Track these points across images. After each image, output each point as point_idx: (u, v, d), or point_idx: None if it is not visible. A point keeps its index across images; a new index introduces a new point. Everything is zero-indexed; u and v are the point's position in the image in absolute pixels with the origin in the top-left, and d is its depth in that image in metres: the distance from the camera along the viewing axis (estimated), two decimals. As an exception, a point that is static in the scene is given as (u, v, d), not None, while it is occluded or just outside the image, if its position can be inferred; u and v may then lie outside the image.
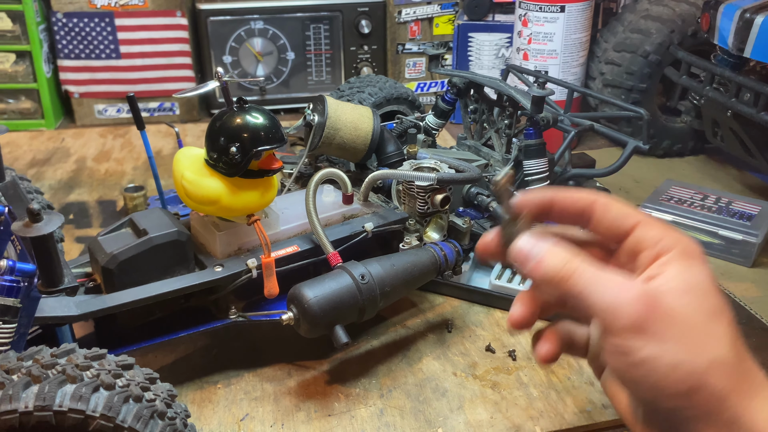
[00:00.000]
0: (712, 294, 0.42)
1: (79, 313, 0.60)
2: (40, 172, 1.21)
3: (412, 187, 0.78)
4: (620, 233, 0.46)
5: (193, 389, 0.69)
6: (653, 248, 0.44)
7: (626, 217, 0.46)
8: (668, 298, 0.41)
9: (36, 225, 0.51)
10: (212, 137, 0.65)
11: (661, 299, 0.40)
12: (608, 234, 0.47)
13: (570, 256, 0.43)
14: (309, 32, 1.43)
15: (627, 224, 0.46)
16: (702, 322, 0.41)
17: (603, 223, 0.47)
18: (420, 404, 0.67)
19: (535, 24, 1.20)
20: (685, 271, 0.42)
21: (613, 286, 0.41)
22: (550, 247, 0.44)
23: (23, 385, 0.44)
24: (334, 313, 0.65)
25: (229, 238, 0.69)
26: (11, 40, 1.36)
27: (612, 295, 0.41)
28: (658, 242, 0.43)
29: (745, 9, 0.99)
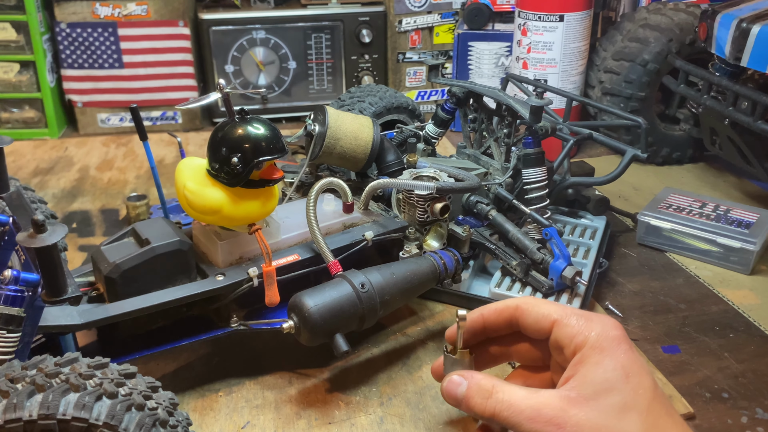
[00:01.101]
0: (619, 388, 0.44)
1: (82, 322, 0.60)
2: (44, 181, 1.21)
3: (411, 196, 0.79)
4: (543, 334, 0.50)
5: (194, 397, 0.69)
6: (570, 347, 0.48)
7: (544, 318, 0.50)
8: (574, 410, 0.44)
9: (40, 236, 0.52)
10: (214, 148, 0.66)
11: (567, 417, 0.44)
12: (535, 336, 0.52)
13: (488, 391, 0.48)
14: (310, 41, 1.45)
15: (546, 325, 0.50)
16: (608, 425, 0.43)
17: (527, 328, 0.51)
18: (420, 412, 0.67)
19: (534, 33, 1.21)
20: (594, 370, 0.45)
21: (527, 416, 0.45)
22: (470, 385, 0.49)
23: (27, 394, 0.44)
24: (335, 322, 0.65)
25: (230, 247, 0.70)
26: (15, 50, 1.37)
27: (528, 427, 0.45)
28: (572, 339, 0.47)
29: (741, 18, 1.00)
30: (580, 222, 0.98)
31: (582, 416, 0.44)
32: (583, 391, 0.45)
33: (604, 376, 0.45)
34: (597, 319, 0.48)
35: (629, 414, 0.44)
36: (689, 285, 0.89)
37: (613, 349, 0.46)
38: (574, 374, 0.46)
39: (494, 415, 0.47)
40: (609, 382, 0.45)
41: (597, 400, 0.44)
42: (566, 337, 0.48)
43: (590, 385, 0.45)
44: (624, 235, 1.01)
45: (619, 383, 0.45)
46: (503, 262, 0.83)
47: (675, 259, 0.95)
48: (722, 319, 0.82)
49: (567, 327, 0.48)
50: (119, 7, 1.38)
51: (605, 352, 0.46)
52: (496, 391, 0.48)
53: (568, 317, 0.49)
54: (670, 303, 0.85)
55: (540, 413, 0.45)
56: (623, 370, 0.45)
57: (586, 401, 0.44)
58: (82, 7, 1.37)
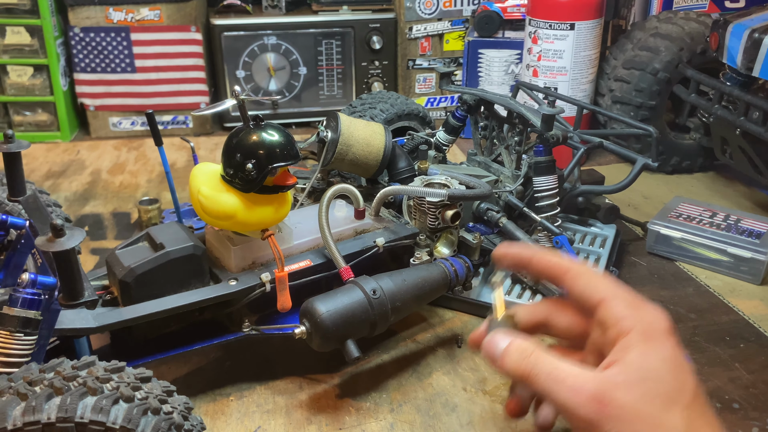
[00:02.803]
0: (667, 380, 0.43)
1: (97, 326, 0.61)
2: (56, 184, 1.22)
3: (423, 203, 0.79)
4: (588, 307, 0.48)
5: (206, 401, 0.70)
6: (615, 328, 0.46)
7: (593, 292, 0.48)
8: (619, 393, 0.42)
9: (59, 240, 0.52)
10: (229, 154, 0.66)
11: (611, 396, 0.42)
12: (579, 304, 0.50)
13: (528, 351, 0.46)
14: (321, 48, 1.45)
15: (593, 300, 0.48)
16: (653, 414, 0.42)
17: (572, 294, 0.50)
18: (430, 419, 0.67)
19: (544, 41, 1.21)
20: (641, 357, 0.43)
21: (568, 385, 0.43)
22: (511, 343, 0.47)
23: (46, 397, 0.45)
24: (346, 328, 0.66)
25: (243, 252, 0.70)
26: (29, 54, 1.38)
27: (567, 396, 0.43)
28: (619, 322, 0.45)
29: (753, 29, 1.00)
30: (590, 230, 0.98)
31: (627, 400, 0.42)
32: (630, 376, 0.43)
33: (653, 365, 0.43)
34: (646, 308, 0.46)
35: (673, 407, 0.42)
36: (699, 294, 0.89)
37: (662, 341, 0.44)
38: (619, 359, 0.44)
39: (530, 376, 0.45)
40: (657, 372, 0.43)
41: (643, 387, 0.42)
42: (613, 318, 0.46)
43: (638, 371, 0.43)
44: (634, 244, 1.01)
45: (666, 375, 0.43)
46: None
47: (685, 268, 0.95)
48: (733, 330, 0.82)
49: (616, 309, 0.46)
50: (132, 12, 1.39)
51: (654, 342, 0.44)
52: (537, 353, 0.46)
53: (617, 299, 0.47)
54: (680, 312, 0.85)
55: (583, 386, 0.43)
56: (672, 363, 0.44)
57: (633, 386, 0.42)
58: (96, 12, 1.39)
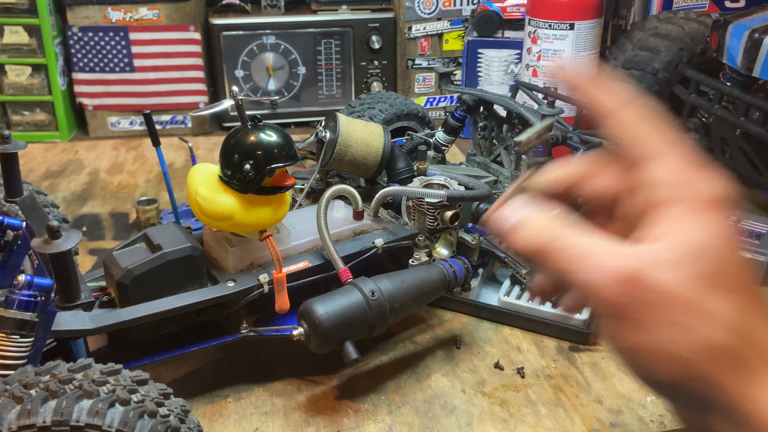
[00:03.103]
0: (713, 259, 0.35)
1: (94, 327, 0.60)
2: (54, 184, 1.22)
3: (422, 204, 0.79)
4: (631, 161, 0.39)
5: (203, 403, 0.69)
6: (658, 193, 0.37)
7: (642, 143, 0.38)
8: (656, 272, 0.35)
9: (55, 242, 0.52)
10: (227, 154, 0.66)
11: (645, 276, 0.34)
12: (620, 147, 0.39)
13: (546, 225, 0.37)
14: (320, 47, 1.45)
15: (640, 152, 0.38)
16: (692, 298, 0.35)
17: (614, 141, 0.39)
18: (429, 421, 0.67)
19: (544, 41, 1.21)
20: (685, 231, 0.35)
21: (592, 262, 0.35)
22: (528, 214, 0.38)
23: (41, 400, 0.44)
24: (344, 329, 0.65)
25: (241, 253, 0.70)
26: (27, 53, 1.38)
27: (590, 276, 0.35)
28: (665, 187, 0.37)
29: (754, 29, 0.99)
30: (590, 231, 0.97)
31: (665, 281, 0.34)
32: (670, 252, 0.35)
33: (698, 241, 0.35)
34: (703, 174, 0.37)
35: (718, 290, 0.35)
36: (699, 295, 0.89)
37: (713, 214, 0.36)
38: (659, 232, 0.36)
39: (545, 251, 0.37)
40: (702, 249, 0.35)
41: (684, 266, 0.35)
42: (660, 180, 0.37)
43: (678, 246, 0.35)
44: (633, 245, 1.01)
45: (713, 253, 0.35)
46: (513, 270, 0.83)
47: (685, 269, 0.95)
48: (733, 331, 0.82)
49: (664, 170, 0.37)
50: (131, 11, 1.38)
51: (703, 215, 0.36)
52: (556, 226, 0.37)
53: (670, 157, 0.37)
54: (680, 313, 0.85)
55: (611, 264, 0.35)
56: (721, 240, 0.35)
57: (670, 264, 0.35)
58: (94, 12, 1.38)
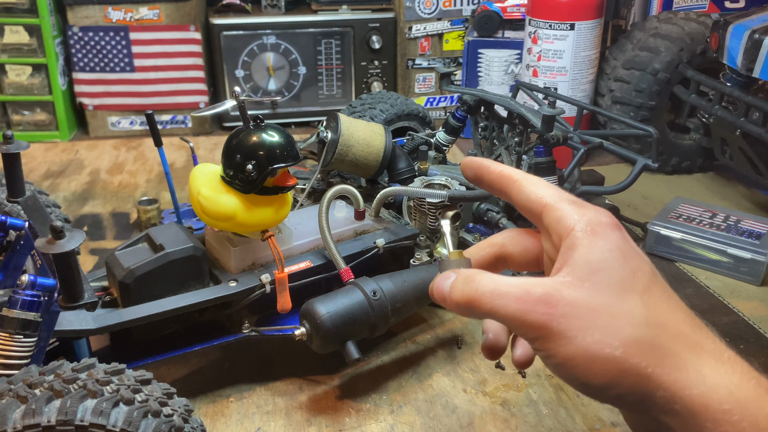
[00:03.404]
0: (617, 268, 0.39)
1: (97, 327, 0.61)
2: (55, 184, 1.22)
3: (423, 204, 0.79)
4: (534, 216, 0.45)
5: (205, 403, 0.70)
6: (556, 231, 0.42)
7: (537, 200, 0.44)
8: (568, 290, 0.39)
9: (59, 242, 0.52)
10: (229, 154, 0.66)
11: (560, 297, 0.39)
12: (527, 215, 0.46)
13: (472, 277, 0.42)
14: (320, 47, 1.45)
15: (537, 207, 0.44)
16: (606, 304, 0.38)
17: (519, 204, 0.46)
18: (430, 420, 0.67)
19: (544, 41, 1.21)
20: (587, 252, 0.40)
21: (513, 296, 0.39)
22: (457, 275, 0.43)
23: (46, 400, 0.45)
24: (346, 329, 0.65)
25: (243, 253, 0.70)
26: (28, 53, 1.38)
27: (514, 307, 0.39)
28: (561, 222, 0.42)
29: (754, 30, 1.00)
30: (590, 231, 0.98)
31: (577, 295, 0.38)
32: (577, 273, 0.39)
33: (600, 256, 0.40)
34: (590, 207, 0.43)
35: (629, 294, 0.39)
36: (699, 295, 0.89)
37: (606, 233, 0.41)
38: (566, 261, 0.40)
39: (474, 299, 0.41)
40: (606, 262, 0.40)
41: (593, 279, 0.39)
42: (555, 220, 0.42)
43: (585, 265, 0.39)
44: (634, 245, 1.01)
45: (616, 263, 0.40)
46: (513, 270, 0.83)
47: (685, 269, 0.95)
48: (732, 331, 0.82)
49: (558, 211, 0.43)
50: (131, 11, 1.38)
51: (599, 235, 0.40)
52: (480, 276, 0.42)
53: (560, 202, 0.43)
54: (680, 313, 0.85)
55: (529, 292, 0.39)
56: (620, 251, 0.40)
57: (581, 281, 0.39)
58: (95, 11, 1.38)
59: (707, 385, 0.37)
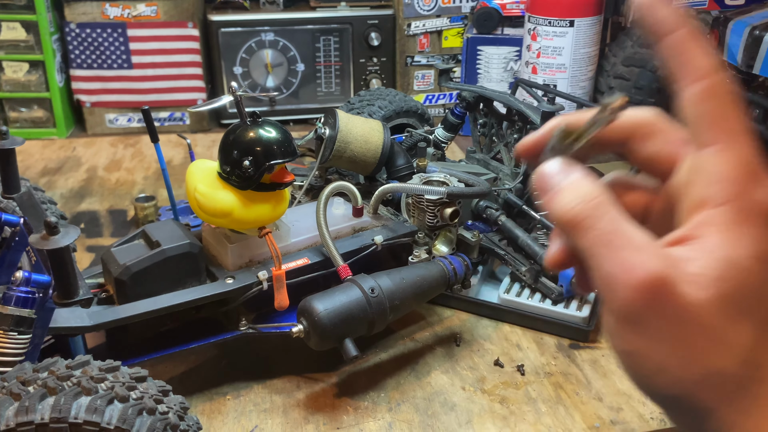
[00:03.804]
0: (751, 283, 0.32)
1: (92, 324, 0.60)
2: (52, 181, 1.22)
3: (421, 201, 0.78)
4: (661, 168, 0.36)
5: (202, 400, 0.69)
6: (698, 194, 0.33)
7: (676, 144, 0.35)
8: (682, 285, 0.31)
9: (53, 238, 0.52)
10: (226, 150, 0.65)
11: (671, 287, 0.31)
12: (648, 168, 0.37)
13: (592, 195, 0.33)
14: (319, 44, 1.45)
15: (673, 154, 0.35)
16: (716, 325, 0.32)
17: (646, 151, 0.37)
18: (428, 418, 0.67)
19: (544, 38, 1.21)
20: (724, 245, 0.32)
21: (625, 256, 0.31)
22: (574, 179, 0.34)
23: (39, 397, 0.44)
24: (344, 326, 0.65)
25: (240, 250, 0.69)
26: (25, 49, 1.37)
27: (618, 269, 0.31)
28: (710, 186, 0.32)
29: (754, 26, 0.99)
30: (590, 228, 0.97)
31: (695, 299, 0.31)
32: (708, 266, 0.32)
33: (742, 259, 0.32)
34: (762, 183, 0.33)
35: (745, 319, 0.32)
36: (699, 293, 0.89)
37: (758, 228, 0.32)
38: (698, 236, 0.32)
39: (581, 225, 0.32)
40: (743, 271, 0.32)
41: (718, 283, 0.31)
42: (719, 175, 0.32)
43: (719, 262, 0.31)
44: (633, 242, 1.01)
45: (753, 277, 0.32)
46: (512, 267, 0.83)
47: (684, 266, 0.95)
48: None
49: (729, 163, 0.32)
50: (129, 7, 1.38)
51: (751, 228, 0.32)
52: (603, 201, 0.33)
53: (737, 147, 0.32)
54: (679, 311, 0.85)
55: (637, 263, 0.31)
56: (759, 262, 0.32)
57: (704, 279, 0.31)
58: (92, 8, 1.38)
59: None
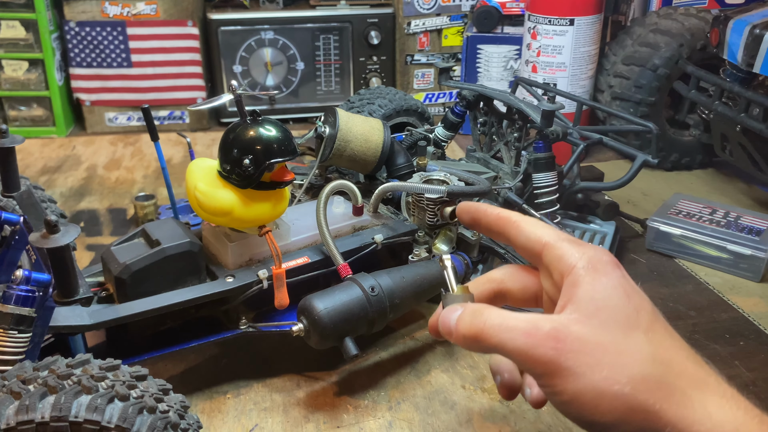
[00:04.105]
0: (621, 306, 0.41)
1: (92, 323, 0.60)
2: (51, 180, 1.22)
3: (421, 200, 0.78)
4: (533, 257, 0.46)
5: (202, 399, 0.69)
6: (560, 268, 0.43)
7: (536, 240, 0.46)
8: (576, 327, 0.40)
9: (53, 236, 0.51)
10: (226, 149, 0.65)
11: (567, 333, 0.40)
12: (525, 254, 0.47)
13: (479, 311, 0.43)
14: (319, 43, 1.44)
15: (537, 247, 0.46)
16: (613, 341, 0.40)
17: (518, 244, 0.47)
18: (429, 417, 0.67)
19: (544, 37, 1.20)
20: (591, 289, 0.41)
21: (521, 330, 0.40)
22: (464, 310, 0.44)
23: (40, 396, 0.44)
24: (344, 325, 0.65)
25: (240, 248, 0.69)
26: (24, 48, 1.37)
27: (522, 343, 0.40)
28: (563, 260, 0.43)
29: (754, 25, 0.99)
30: (590, 227, 0.97)
31: (585, 332, 0.40)
32: (584, 310, 0.41)
33: (604, 293, 0.41)
34: (589, 246, 0.45)
35: (634, 332, 0.40)
36: (699, 292, 0.89)
37: (608, 272, 0.42)
38: (570, 297, 0.42)
39: (482, 333, 0.41)
40: (610, 300, 0.41)
41: (599, 316, 0.40)
42: (556, 259, 0.44)
43: (591, 302, 0.41)
44: (633, 241, 1.01)
45: (620, 301, 0.41)
46: (513, 266, 0.83)
47: (684, 265, 0.95)
48: (732, 327, 0.82)
49: (558, 249, 0.44)
50: (128, 6, 1.38)
51: (600, 272, 0.42)
52: (488, 310, 0.42)
53: (559, 240, 0.44)
54: (679, 310, 0.85)
55: (537, 327, 0.40)
56: (622, 289, 0.41)
57: (588, 318, 0.40)
58: (92, 6, 1.37)
59: (713, 421, 0.38)
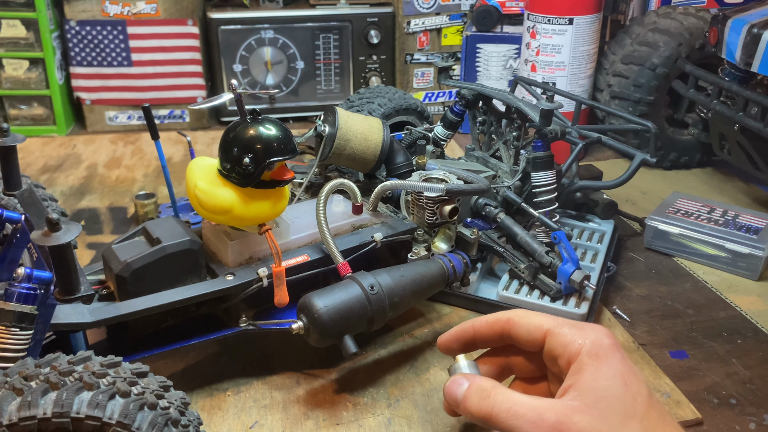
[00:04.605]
0: (620, 395, 0.45)
1: (93, 320, 0.60)
2: (52, 178, 1.22)
3: (421, 198, 0.79)
4: (536, 345, 0.50)
5: (202, 396, 0.69)
6: (563, 355, 0.48)
7: (536, 329, 0.50)
8: (577, 417, 0.44)
9: (55, 234, 0.52)
10: (226, 148, 0.66)
11: (570, 422, 0.44)
12: (528, 347, 0.52)
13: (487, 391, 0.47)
14: (318, 42, 1.45)
15: (538, 336, 0.50)
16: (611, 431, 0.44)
17: (520, 340, 0.52)
18: (428, 414, 0.67)
19: (543, 36, 1.21)
20: (593, 378, 0.46)
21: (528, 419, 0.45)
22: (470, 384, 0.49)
23: (41, 392, 0.44)
24: (344, 323, 0.65)
25: (240, 247, 0.70)
26: (25, 47, 1.38)
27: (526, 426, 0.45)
28: (566, 347, 0.48)
29: (752, 24, 1.00)
30: (588, 226, 0.98)
31: (586, 423, 0.44)
32: (586, 399, 0.45)
33: (605, 384, 0.46)
34: (589, 328, 0.49)
35: (630, 422, 0.44)
36: (697, 290, 0.89)
37: (608, 357, 0.47)
38: (574, 384, 0.46)
39: (491, 416, 0.47)
40: (610, 390, 0.45)
41: (599, 408, 0.45)
42: (560, 346, 0.49)
43: (592, 392, 0.45)
44: (632, 240, 1.01)
45: (619, 391, 0.45)
46: (511, 265, 0.84)
47: (683, 264, 0.95)
48: (730, 325, 0.82)
49: (560, 336, 0.49)
50: (129, 5, 1.38)
51: (602, 359, 0.46)
52: (495, 392, 0.48)
53: (560, 327, 0.49)
54: (677, 308, 0.85)
55: (542, 417, 0.45)
56: (621, 378, 0.46)
57: (589, 409, 0.45)
58: (92, 5, 1.38)
59: None
